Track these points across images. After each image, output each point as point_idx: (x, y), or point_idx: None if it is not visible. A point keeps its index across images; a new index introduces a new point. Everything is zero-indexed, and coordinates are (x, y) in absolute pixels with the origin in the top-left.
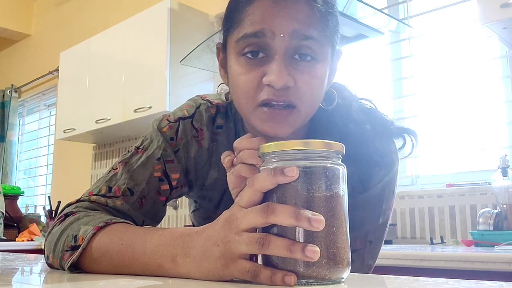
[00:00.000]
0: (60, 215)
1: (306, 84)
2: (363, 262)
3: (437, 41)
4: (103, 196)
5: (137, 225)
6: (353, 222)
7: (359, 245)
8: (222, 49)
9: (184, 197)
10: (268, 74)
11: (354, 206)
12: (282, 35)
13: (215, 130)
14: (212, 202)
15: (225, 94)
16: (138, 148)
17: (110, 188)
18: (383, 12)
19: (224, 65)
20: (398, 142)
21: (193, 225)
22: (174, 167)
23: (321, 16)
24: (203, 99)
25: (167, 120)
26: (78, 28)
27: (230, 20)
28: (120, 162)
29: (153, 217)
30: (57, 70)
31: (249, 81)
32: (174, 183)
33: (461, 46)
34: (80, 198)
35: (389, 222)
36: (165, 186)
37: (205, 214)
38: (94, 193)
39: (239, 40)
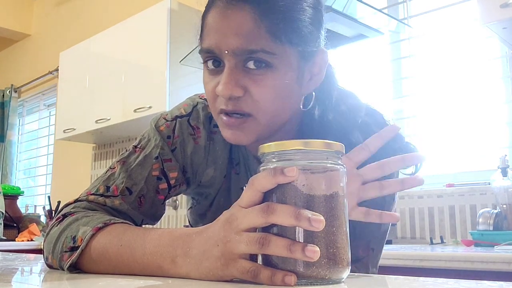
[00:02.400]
0: (58, 216)
1: (259, 93)
2: (368, 271)
3: (437, 41)
4: (101, 195)
5: (136, 224)
6: (355, 230)
7: (362, 253)
8: None
9: (184, 196)
10: (218, 85)
11: None
12: (227, 52)
13: (212, 129)
14: (208, 200)
15: None
16: (136, 147)
17: (108, 188)
18: (383, 12)
19: None
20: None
21: (189, 222)
22: (172, 166)
23: (272, 25)
24: (200, 98)
25: (164, 118)
26: (78, 28)
27: (200, 27)
28: (118, 161)
29: (152, 216)
30: (57, 70)
31: (209, 90)
32: (172, 182)
33: (461, 46)
34: (78, 198)
35: (389, 229)
36: (164, 185)
37: (200, 211)
38: (92, 192)
39: (200, 52)
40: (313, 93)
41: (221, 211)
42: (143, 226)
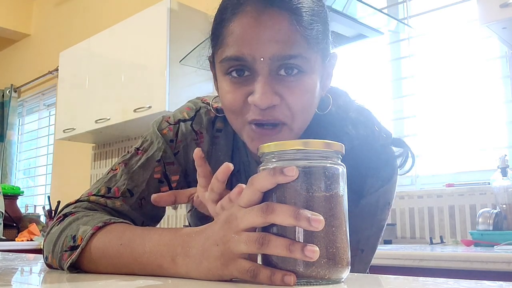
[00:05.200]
0: (59, 215)
1: (295, 100)
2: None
3: (437, 41)
4: (102, 196)
5: (136, 225)
6: None
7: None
8: (212, 63)
9: None
10: (253, 94)
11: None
12: (262, 59)
13: (214, 134)
14: None
15: None
16: (138, 149)
17: (109, 189)
18: (382, 12)
19: (215, 79)
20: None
21: (189, 225)
22: (174, 169)
23: (305, 29)
24: (203, 102)
25: (167, 122)
26: (78, 28)
27: (215, 36)
28: (119, 163)
29: (153, 217)
30: (56, 70)
31: (235, 100)
32: (173, 185)
33: (461, 46)
34: (79, 198)
35: (382, 232)
36: (165, 188)
37: (200, 213)
38: (94, 193)
39: (222, 61)
40: (330, 96)
41: None
42: None
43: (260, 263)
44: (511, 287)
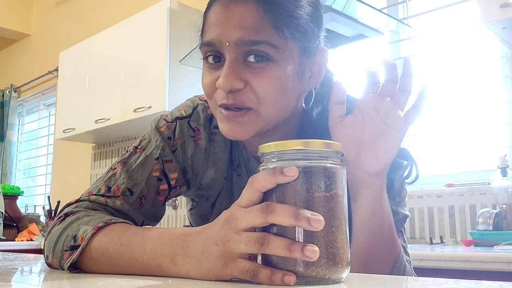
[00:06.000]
0: (59, 215)
1: (260, 86)
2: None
3: (437, 41)
4: (103, 196)
5: (136, 225)
6: None
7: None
8: None
9: (183, 196)
10: (219, 79)
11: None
12: (228, 44)
13: (212, 130)
14: (209, 201)
15: None
16: (136, 148)
17: (109, 188)
18: (382, 12)
19: None
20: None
21: (190, 224)
22: (173, 166)
23: (275, 19)
24: (200, 99)
25: (165, 120)
26: (78, 28)
27: (201, 26)
28: (118, 162)
29: (153, 217)
30: (56, 70)
31: (207, 84)
32: (172, 182)
33: (461, 46)
34: (80, 198)
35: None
36: (164, 186)
37: (201, 212)
38: (94, 193)
39: (200, 47)
40: (313, 91)
41: None
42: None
43: (260, 263)
44: (511, 287)
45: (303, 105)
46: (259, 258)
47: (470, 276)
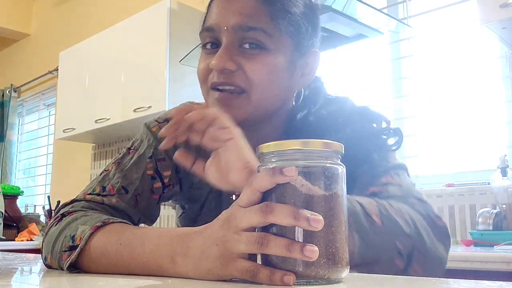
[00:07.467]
0: (56, 216)
1: (253, 70)
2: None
3: (437, 41)
4: (98, 194)
5: (133, 223)
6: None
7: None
8: None
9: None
10: (212, 60)
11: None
12: (226, 28)
13: None
14: (198, 203)
15: None
16: (129, 148)
17: (104, 187)
18: (382, 12)
19: None
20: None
21: None
22: (166, 165)
23: (273, 9)
24: (193, 103)
25: (156, 121)
26: (78, 28)
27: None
28: (112, 163)
29: (148, 216)
30: (56, 69)
31: (202, 68)
32: (166, 180)
33: (460, 46)
34: (75, 198)
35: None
36: (158, 184)
37: (190, 216)
38: (89, 192)
39: (200, 34)
40: (302, 90)
41: (213, 214)
42: (140, 225)
43: (260, 263)
44: (511, 287)
45: (293, 103)
46: (259, 258)
47: (470, 276)
